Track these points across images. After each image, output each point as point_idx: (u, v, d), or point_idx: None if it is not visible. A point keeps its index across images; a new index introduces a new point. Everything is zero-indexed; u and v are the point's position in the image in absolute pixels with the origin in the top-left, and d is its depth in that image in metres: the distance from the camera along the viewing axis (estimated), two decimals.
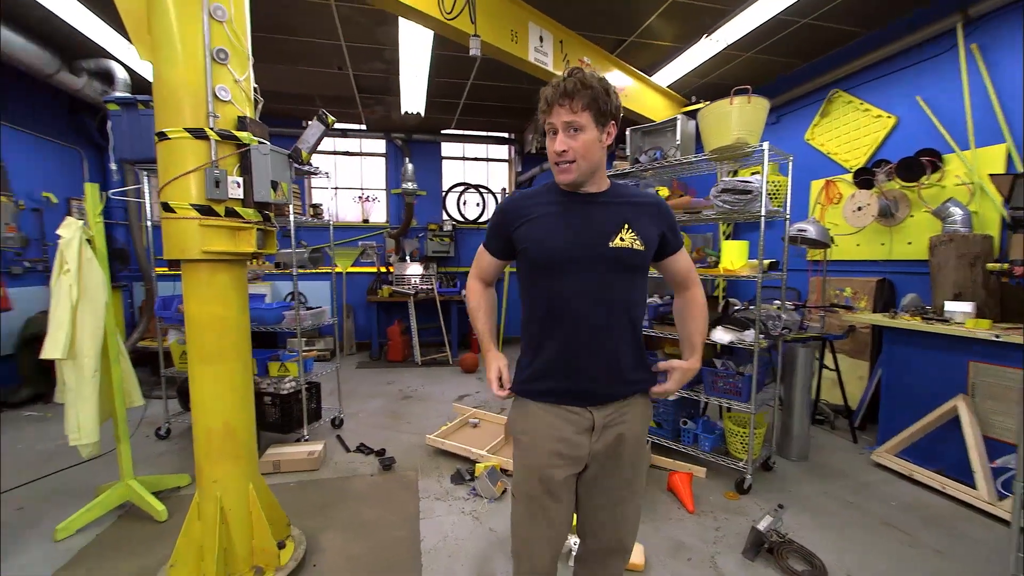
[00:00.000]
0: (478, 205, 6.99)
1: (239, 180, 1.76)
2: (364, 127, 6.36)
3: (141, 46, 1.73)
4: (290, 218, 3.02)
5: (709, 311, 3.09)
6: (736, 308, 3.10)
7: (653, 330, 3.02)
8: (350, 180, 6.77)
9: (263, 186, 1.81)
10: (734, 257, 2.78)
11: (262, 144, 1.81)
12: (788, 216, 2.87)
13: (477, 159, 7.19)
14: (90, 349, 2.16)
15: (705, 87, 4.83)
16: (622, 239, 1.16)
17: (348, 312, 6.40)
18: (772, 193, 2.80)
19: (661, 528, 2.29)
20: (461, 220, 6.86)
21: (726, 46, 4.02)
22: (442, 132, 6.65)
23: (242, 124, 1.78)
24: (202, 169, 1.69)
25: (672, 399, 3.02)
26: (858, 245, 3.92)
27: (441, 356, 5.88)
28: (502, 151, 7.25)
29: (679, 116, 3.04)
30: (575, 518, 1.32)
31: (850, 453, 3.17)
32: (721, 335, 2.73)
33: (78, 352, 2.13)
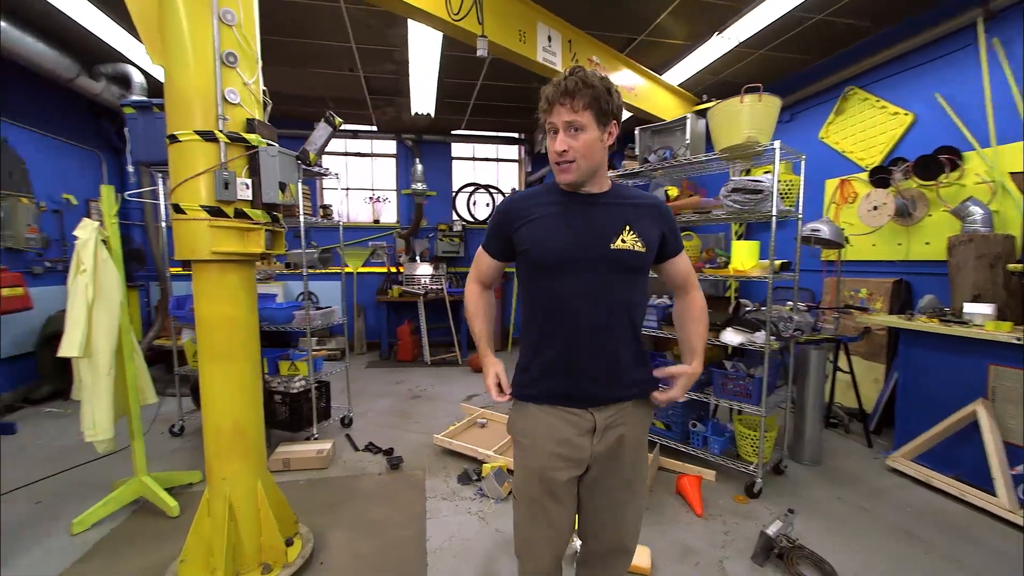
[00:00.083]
0: (488, 205, 7.00)
1: (248, 182, 1.79)
2: (375, 128, 6.41)
3: (153, 50, 1.77)
4: (300, 219, 3.05)
5: (720, 312, 3.08)
6: (747, 309, 3.06)
7: (661, 331, 3.00)
8: (361, 181, 6.83)
9: (271, 187, 1.83)
10: (744, 258, 2.74)
11: (270, 146, 1.83)
12: (800, 216, 2.82)
13: (487, 159, 7.20)
14: (105, 347, 2.20)
15: (717, 85, 4.77)
16: (623, 240, 1.15)
17: (359, 312, 6.45)
18: (784, 193, 2.76)
19: (669, 531, 2.27)
20: (471, 220, 6.87)
21: (738, 44, 3.97)
22: (452, 133, 6.67)
23: (251, 126, 1.80)
24: (211, 171, 1.72)
25: (681, 401, 2.98)
26: (874, 245, 3.84)
27: (450, 356, 5.90)
28: (512, 151, 7.25)
29: (689, 115, 3.01)
30: (576, 520, 1.31)
31: (864, 458, 3.11)
32: (731, 337, 2.70)
33: (93, 350, 2.17)
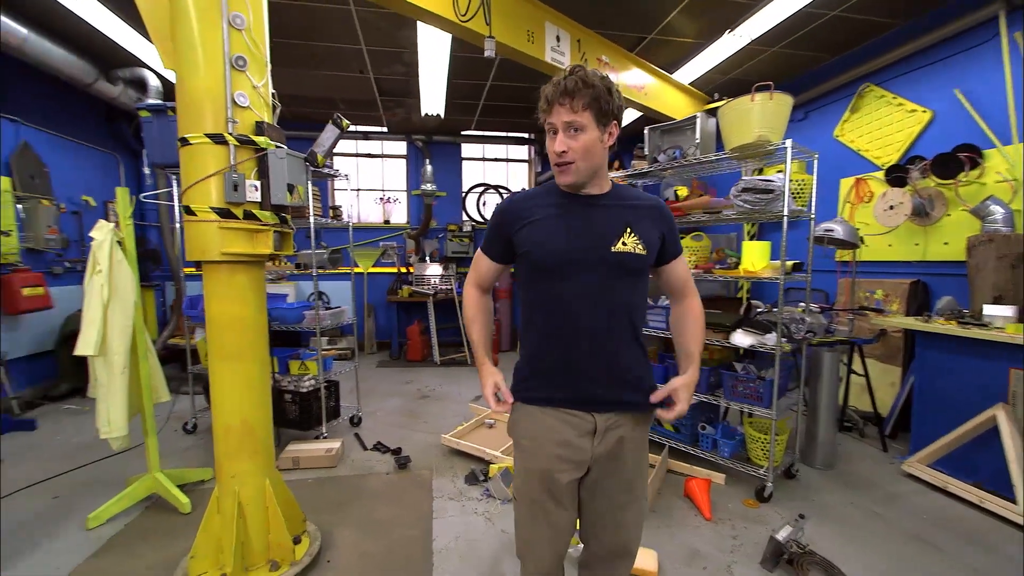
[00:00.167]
0: None
1: (257, 184, 1.81)
2: (385, 129, 6.45)
3: (165, 55, 1.80)
4: (310, 220, 3.08)
5: (730, 313, 3.04)
6: (758, 311, 3.02)
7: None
8: (372, 182, 6.88)
9: (280, 189, 1.85)
10: (755, 258, 2.70)
11: (279, 148, 1.85)
12: (813, 216, 2.77)
13: (497, 160, 7.21)
14: (119, 346, 2.25)
15: (728, 84, 4.71)
16: (624, 243, 1.14)
17: (369, 312, 6.50)
18: (796, 192, 2.71)
19: (676, 535, 2.25)
20: (481, 221, 6.88)
21: (750, 41, 3.91)
22: (462, 133, 6.69)
23: (260, 129, 1.83)
24: (221, 173, 1.75)
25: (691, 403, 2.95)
26: (890, 245, 3.76)
27: (460, 356, 5.91)
28: (522, 151, 7.24)
29: (699, 114, 2.98)
30: (578, 523, 1.31)
31: (879, 462, 3.04)
32: (741, 339, 2.66)
33: (108, 349, 2.22)
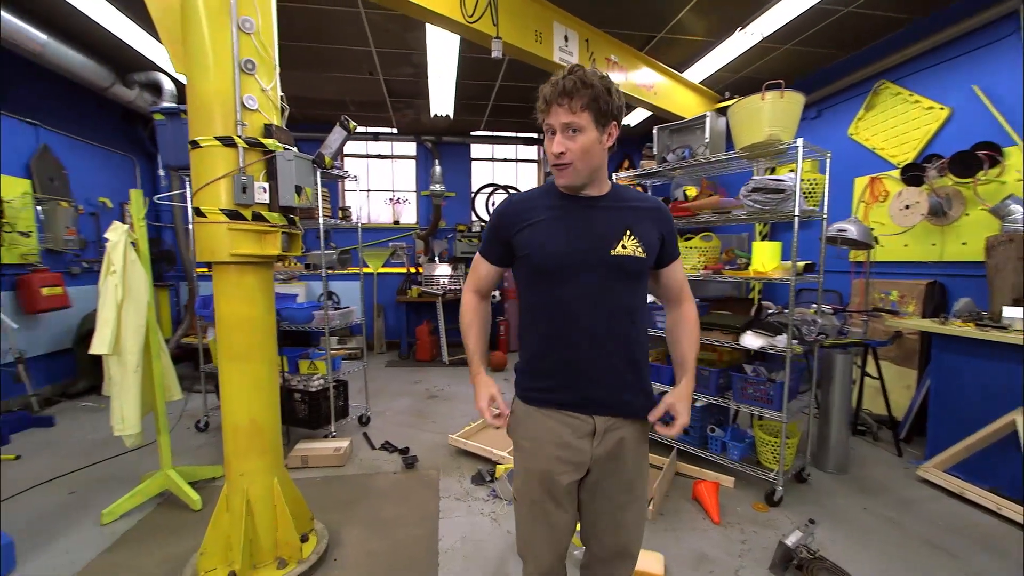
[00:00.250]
0: None
1: (265, 186, 1.83)
2: (395, 130, 6.49)
3: (176, 59, 1.83)
4: (319, 221, 3.10)
5: (741, 315, 3.00)
6: (769, 312, 2.98)
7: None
8: (382, 183, 6.93)
9: (288, 191, 1.87)
10: (766, 259, 2.66)
11: (287, 150, 1.87)
12: (825, 216, 2.72)
13: (506, 160, 7.21)
14: (133, 345, 2.29)
15: (740, 82, 4.66)
16: (624, 246, 1.13)
17: (379, 312, 6.54)
18: (807, 192, 2.67)
19: (684, 538, 2.23)
20: None
21: (762, 39, 3.87)
22: (471, 134, 6.70)
23: (268, 131, 1.85)
24: (230, 175, 1.77)
25: (699, 405, 2.93)
26: (906, 246, 3.68)
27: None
28: (531, 151, 7.23)
29: (708, 113, 2.94)
30: (579, 526, 1.30)
31: (893, 467, 2.98)
32: (751, 340, 2.62)
33: (122, 348, 2.27)
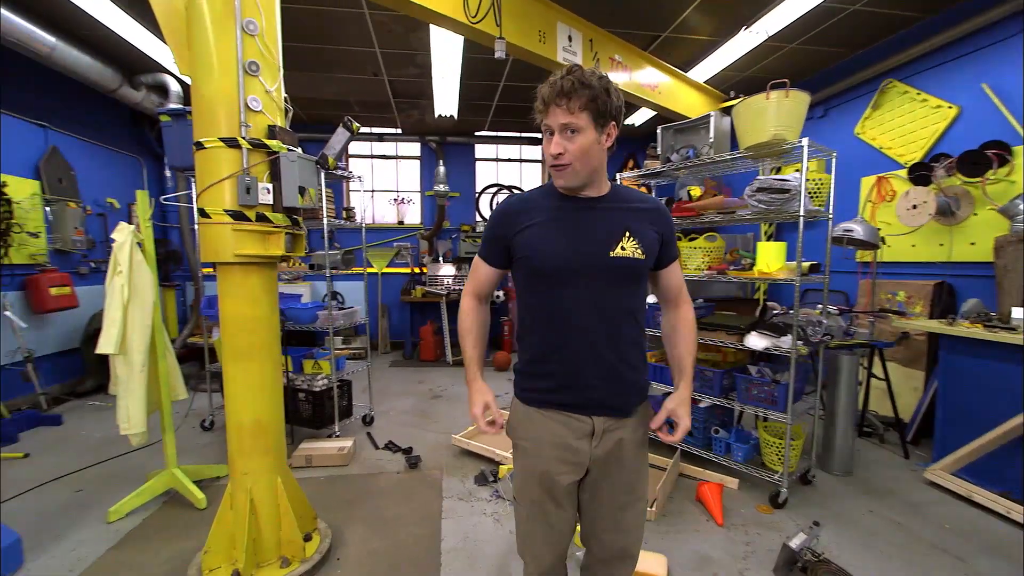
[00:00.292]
0: None
1: (269, 186, 1.84)
2: (399, 131, 6.51)
3: (181, 60, 1.84)
4: (323, 221, 3.12)
5: (746, 315, 2.98)
6: (774, 313, 2.96)
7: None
8: (386, 183, 6.95)
9: (291, 192, 1.88)
10: (770, 259, 2.64)
11: (291, 151, 1.88)
12: (831, 216, 2.70)
13: (510, 160, 7.21)
14: (139, 345, 2.31)
15: (746, 81, 4.63)
16: (623, 248, 1.13)
17: (383, 312, 6.56)
18: (813, 192, 2.65)
19: (687, 540, 2.22)
20: None
21: (767, 38, 3.84)
22: (475, 134, 6.70)
23: (272, 133, 1.86)
24: (234, 177, 1.78)
25: (703, 406, 2.91)
26: (913, 246, 3.65)
27: None
28: (535, 151, 7.22)
29: (713, 113, 2.93)
30: (579, 527, 1.30)
31: (900, 469, 2.95)
32: (755, 341, 2.61)
33: (128, 348, 2.28)
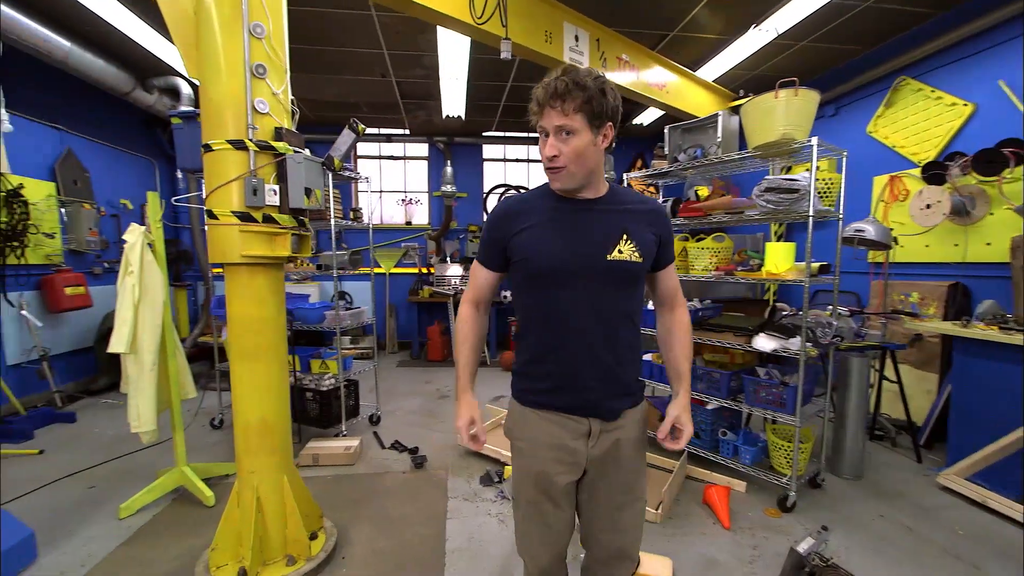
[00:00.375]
0: None
1: (275, 188, 1.86)
2: (407, 132, 6.54)
3: (190, 64, 1.87)
4: (331, 222, 3.14)
5: (754, 316, 2.95)
6: (783, 314, 2.92)
7: (693, 336, 2.89)
8: (394, 183, 6.98)
9: (298, 193, 1.89)
10: (779, 260, 2.62)
11: (297, 153, 1.89)
12: (841, 216, 2.66)
13: (518, 160, 7.21)
14: (149, 344, 2.35)
15: (756, 80, 4.59)
16: (620, 251, 1.12)
17: (391, 312, 6.59)
18: (822, 191, 2.61)
19: (693, 543, 2.20)
20: None
21: (777, 35, 3.80)
22: (483, 134, 6.72)
23: (278, 134, 1.87)
24: (242, 178, 1.80)
25: (710, 407, 2.89)
26: (927, 246, 3.58)
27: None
28: None
29: (721, 112, 2.90)
30: (579, 528, 1.30)
31: (912, 473, 2.90)
32: (764, 343, 2.58)
33: (139, 347, 2.32)
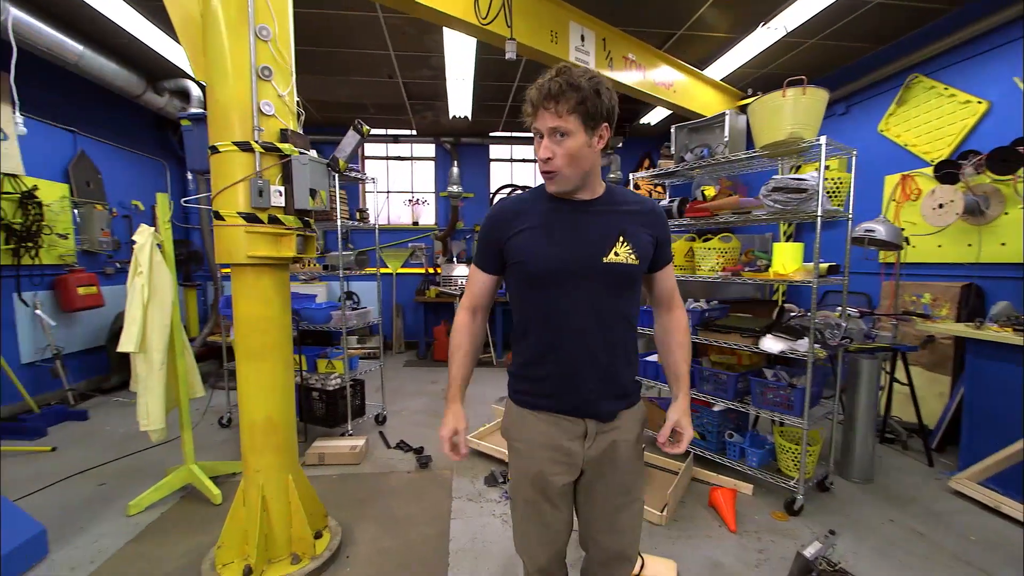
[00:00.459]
0: None
1: (281, 189, 1.87)
2: (414, 132, 6.56)
3: (197, 67, 1.89)
4: (337, 223, 3.16)
5: (762, 317, 2.92)
6: (791, 315, 2.89)
7: (698, 337, 2.88)
8: (401, 184, 7.01)
9: (303, 194, 1.90)
10: (787, 260, 2.59)
11: (302, 155, 1.91)
12: (851, 216, 2.63)
13: (525, 160, 7.20)
14: (158, 344, 2.37)
15: (765, 78, 4.55)
16: (616, 253, 1.11)
17: (398, 312, 6.62)
18: (831, 191, 2.58)
19: (698, 546, 2.18)
20: None
21: (786, 33, 3.76)
22: (490, 135, 6.72)
23: (284, 136, 1.88)
24: (247, 180, 1.81)
25: (717, 409, 2.86)
26: (940, 246, 3.52)
27: (485, 356, 5.94)
28: None
29: (728, 111, 2.88)
30: (577, 529, 1.30)
31: (924, 477, 2.85)
32: (771, 344, 2.55)
33: (148, 347, 2.35)
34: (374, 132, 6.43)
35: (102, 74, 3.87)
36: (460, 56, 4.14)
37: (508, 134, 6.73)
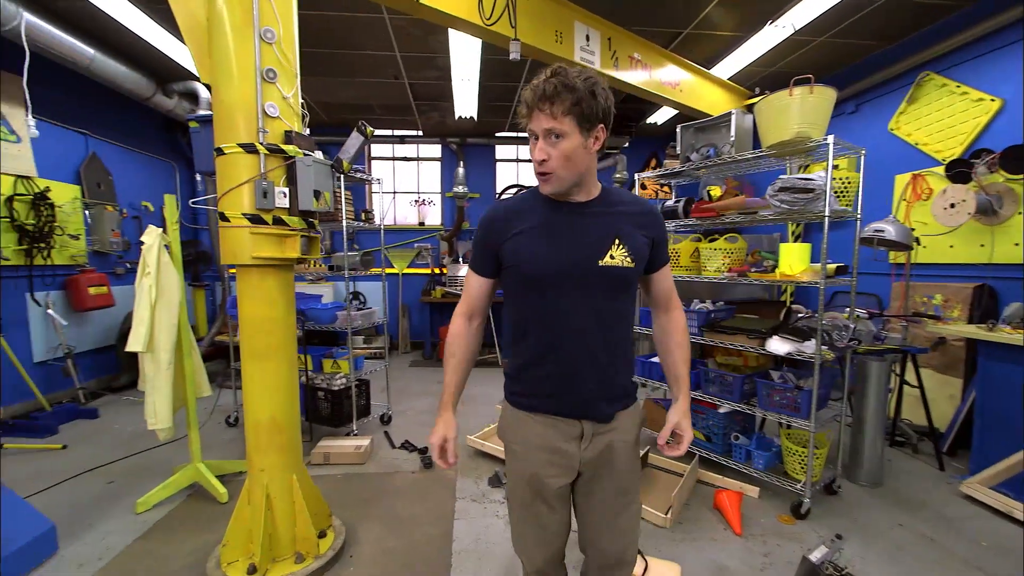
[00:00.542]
0: None
1: (285, 190, 1.88)
2: (420, 133, 6.58)
3: (202, 68, 1.91)
4: (343, 223, 3.17)
5: (768, 318, 2.90)
6: (799, 316, 2.86)
7: (704, 338, 2.86)
8: (407, 184, 7.03)
9: (307, 195, 1.91)
10: (794, 261, 2.56)
11: (306, 156, 1.92)
12: (859, 216, 2.59)
13: (531, 160, 7.18)
14: (165, 343, 2.40)
15: (773, 76, 4.51)
16: (612, 256, 1.10)
17: (404, 312, 6.64)
18: (839, 191, 2.55)
19: (703, 549, 2.16)
20: None
21: (794, 31, 3.72)
22: (496, 135, 6.72)
23: (288, 138, 1.90)
24: (252, 181, 1.83)
25: (723, 411, 2.84)
26: (952, 247, 3.47)
27: (490, 357, 5.94)
28: None
29: (734, 111, 2.85)
30: (577, 530, 1.29)
31: (934, 481, 2.81)
32: (778, 346, 2.53)
33: (155, 346, 2.38)
34: (380, 133, 6.46)
35: (113, 77, 3.92)
36: (465, 57, 4.15)
37: (514, 134, 6.73)
